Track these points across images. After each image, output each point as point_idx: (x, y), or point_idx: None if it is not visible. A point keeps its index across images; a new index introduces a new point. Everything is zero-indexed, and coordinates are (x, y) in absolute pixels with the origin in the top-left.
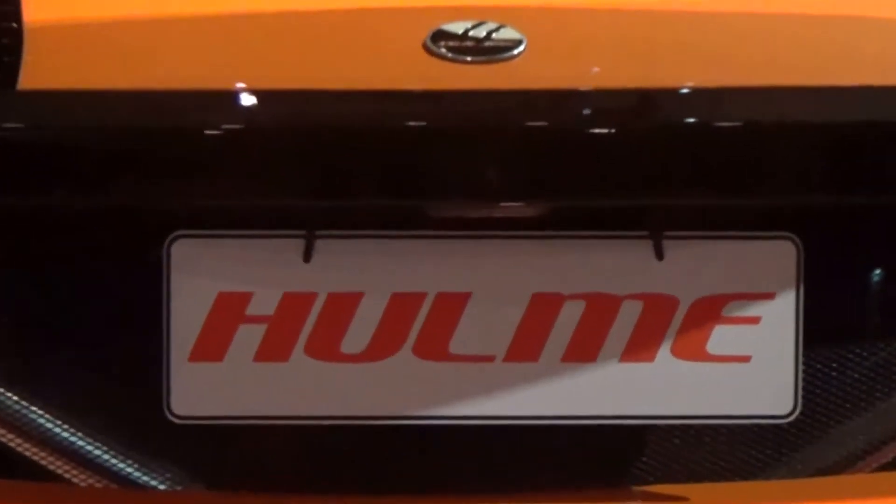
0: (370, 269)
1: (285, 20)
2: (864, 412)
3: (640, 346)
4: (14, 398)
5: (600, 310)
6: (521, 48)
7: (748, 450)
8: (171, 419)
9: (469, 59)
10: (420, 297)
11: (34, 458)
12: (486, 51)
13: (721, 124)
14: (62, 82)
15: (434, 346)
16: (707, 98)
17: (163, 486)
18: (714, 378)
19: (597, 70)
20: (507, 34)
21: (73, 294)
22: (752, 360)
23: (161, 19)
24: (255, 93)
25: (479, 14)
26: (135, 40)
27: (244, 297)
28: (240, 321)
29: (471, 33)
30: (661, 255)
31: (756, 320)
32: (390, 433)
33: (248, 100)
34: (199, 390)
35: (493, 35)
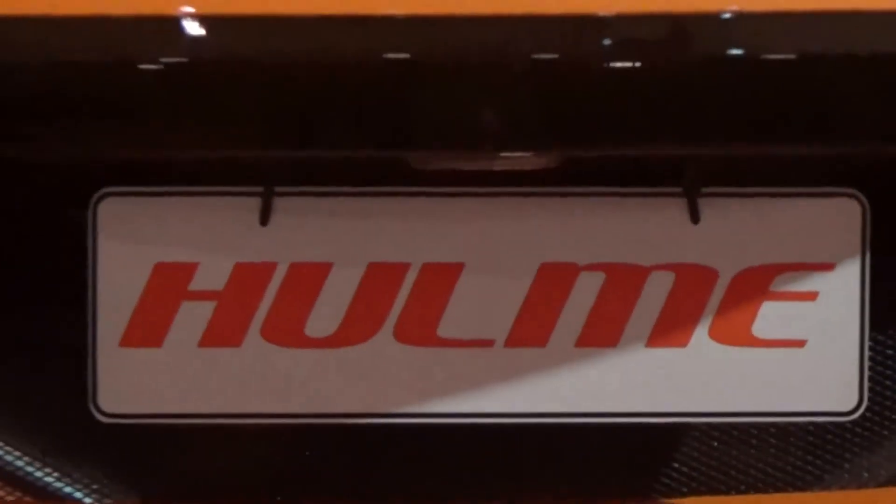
0: (341, 234)
1: None
2: None
3: (670, 328)
4: None
5: (623, 283)
6: None
7: (803, 454)
8: (98, 418)
9: None
10: (402, 268)
11: None
12: None
13: (769, 56)
14: None
15: (419, 329)
16: (755, 24)
17: (88, 501)
18: (761, 367)
19: None
20: None
21: None
22: (807, 345)
23: None
24: (199, 18)
25: None
26: None
27: (188, 269)
28: (182, 297)
29: None
30: (696, 218)
31: (812, 296)
32: (366, 434)
33: (191, 26)
34: (133, 383)
35: None
